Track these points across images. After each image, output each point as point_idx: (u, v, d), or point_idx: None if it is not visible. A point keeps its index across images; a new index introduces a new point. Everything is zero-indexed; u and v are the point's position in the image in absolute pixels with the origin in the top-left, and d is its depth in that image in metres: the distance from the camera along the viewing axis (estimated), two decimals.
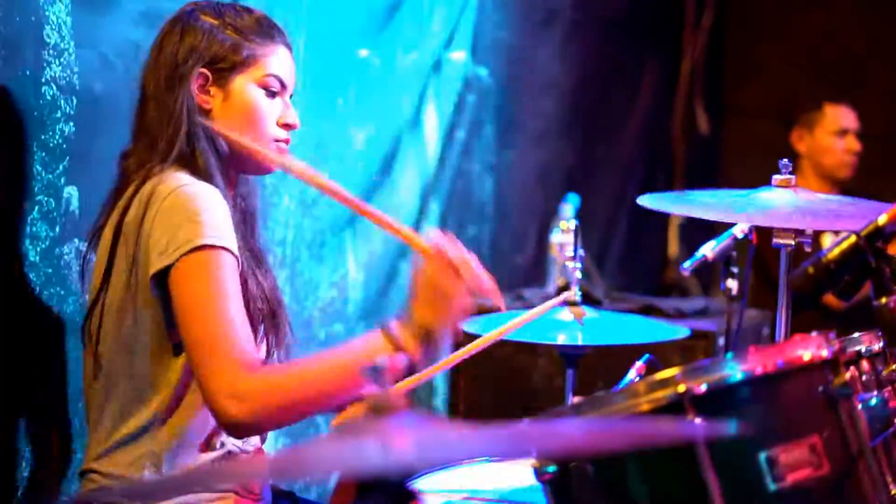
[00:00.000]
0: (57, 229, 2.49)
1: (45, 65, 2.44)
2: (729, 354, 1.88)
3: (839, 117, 4.37)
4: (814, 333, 1.91)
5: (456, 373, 3.87)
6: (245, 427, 2.03)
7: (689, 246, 4.84)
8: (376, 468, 1.43)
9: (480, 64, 4.08)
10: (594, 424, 1.80)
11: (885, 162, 4.84)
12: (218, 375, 1.99)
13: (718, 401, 1.84)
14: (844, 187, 4.39)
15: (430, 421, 1.52)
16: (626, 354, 2.70)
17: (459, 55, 3.98)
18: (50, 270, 2.48)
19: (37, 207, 2.45)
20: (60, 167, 2.49)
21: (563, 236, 3.74)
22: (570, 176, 4.57)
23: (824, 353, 1.90)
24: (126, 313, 2.13)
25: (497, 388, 3.80)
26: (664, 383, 1.83)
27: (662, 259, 5.06)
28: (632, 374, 2.57)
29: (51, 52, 2.46)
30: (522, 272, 4.29)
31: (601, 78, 4.80)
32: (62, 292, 2.51)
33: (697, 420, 1.81)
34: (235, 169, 2.25)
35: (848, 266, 1.97)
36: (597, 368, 3.20)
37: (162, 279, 2.07)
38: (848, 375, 1.90)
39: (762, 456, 1.82)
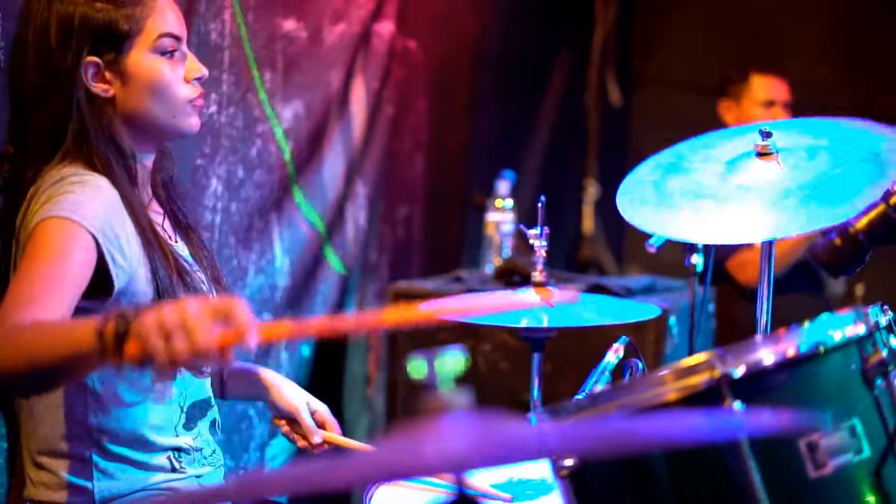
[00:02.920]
0: None
1: None
2: (758, 336, 1.81)
3: (766, 88, 4.26)
4: (846, 309, 1.83)
5: (392, 367, 3.58)
6: None
7: (605, 222, 4.77)
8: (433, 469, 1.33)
9: (409, 36, 3.91)
10: (617, 418, 1.71)
11: None
12: None
13: (755, 386, 1.73)
14: None
15: (481, 418, 1.37)
16: (576, 338, 2.55)
17: (387, 27, 3.81)
18: None
19: None
20: None
21: (499, 214, 3.63)
22: (500, 152, 4.45)
23: (860, 329, 1.81)
24: None
25: None
26: (695, 369, 1.73)
27: (577, 236, 4.98)
28: (610, 357, 2.45)
29: None
30: (457, 253, 4.14)
31: (521, 50, 4.70)
32: None
33: (736, 406, 1.71)
34: (155, 141, 2.09)
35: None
36: (554, 353, 3.06)
37: None
38: (885, 352, 1.81)
39: (802, 442, 1.73)
